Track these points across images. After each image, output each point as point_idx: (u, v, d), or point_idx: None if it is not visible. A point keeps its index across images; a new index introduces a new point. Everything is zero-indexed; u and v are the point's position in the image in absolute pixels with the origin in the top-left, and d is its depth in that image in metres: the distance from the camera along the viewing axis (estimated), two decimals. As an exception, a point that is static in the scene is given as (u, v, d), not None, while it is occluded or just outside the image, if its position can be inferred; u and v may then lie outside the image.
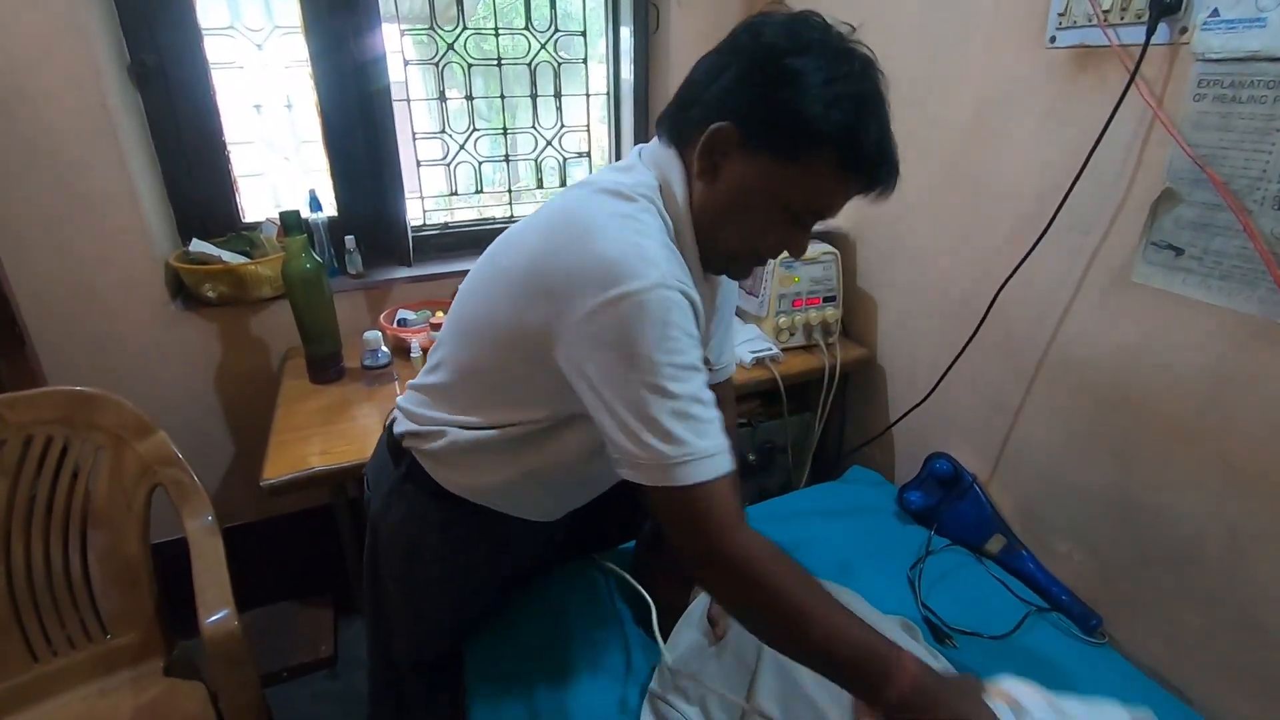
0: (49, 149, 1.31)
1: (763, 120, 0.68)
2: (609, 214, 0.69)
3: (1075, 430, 1.14)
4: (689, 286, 0.67)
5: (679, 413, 0.63)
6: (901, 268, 1.47)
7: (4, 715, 1.09)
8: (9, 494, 1.11)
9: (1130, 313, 1.03)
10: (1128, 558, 1.08)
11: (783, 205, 0.71)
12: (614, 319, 0.62)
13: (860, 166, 0.70)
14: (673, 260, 0.68)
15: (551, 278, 0.68)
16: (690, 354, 0.65)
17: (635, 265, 0.63)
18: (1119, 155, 1.00)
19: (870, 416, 1.63)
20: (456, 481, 0.89)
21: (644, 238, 0.67)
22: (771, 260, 0.78)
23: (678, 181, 0.74)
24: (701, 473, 0.64)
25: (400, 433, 0.92)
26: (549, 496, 0.90)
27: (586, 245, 0.66)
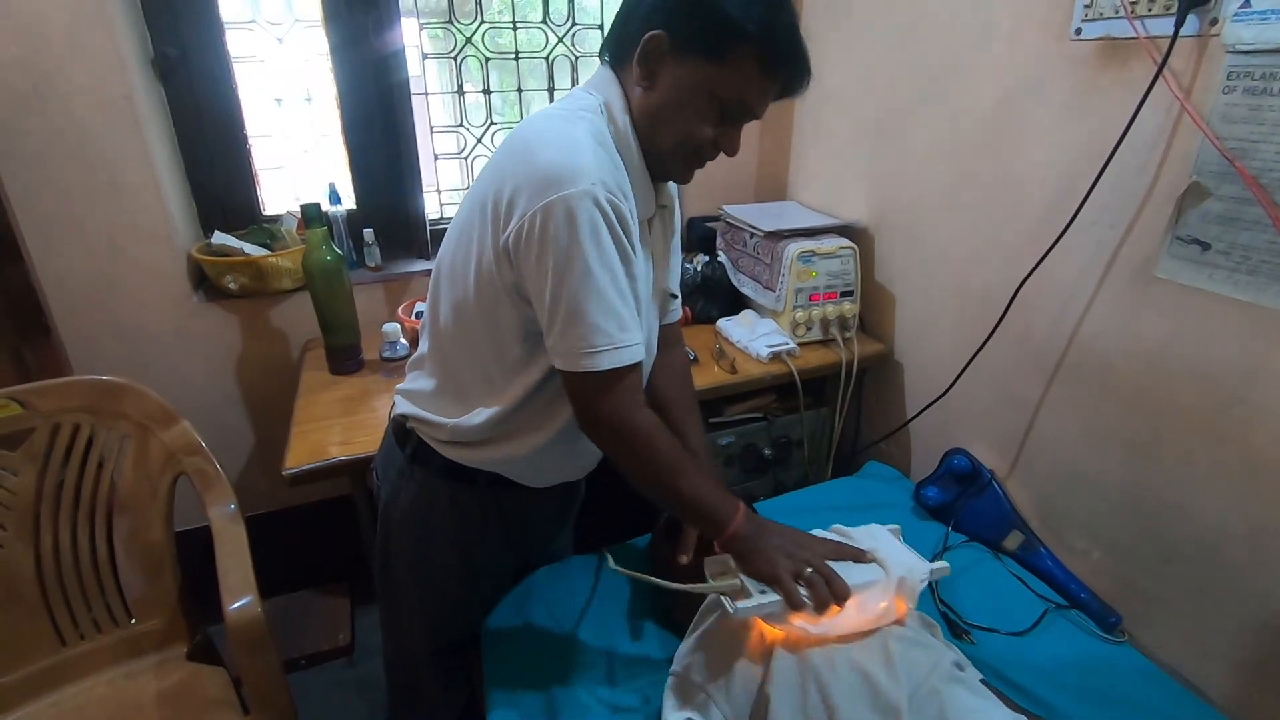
0: (75, 140, 1.33)
1: (690, 25, 0.76)
2: (547, 130, 0.77)
3: (1096, 426, 1.13)
4: (618, 195, 0.74)
5: (602, 307, 0.73)
6: (920, 262, 1.47)
7: (32, 697, 1.11)
8: (37, 481, 1.13)
9: (1154, 308, 1.01)
10: (1148, 555, 1.07)
11: (714, 102, 0.78)
12: (549, 219, 0.70)
13: (779, 59, 0.77)
14: (606, 167, 0.74)
15: (499, 195, 0.75)
16: (613, 255, 0.73)
17: (568, 171, 0.71)
18: (1144, 149, 0.99)
19: (887, 412, 1.62)
20: (465, 456, 0.90)
21: (578, 147, 0.74)
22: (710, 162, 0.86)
23: (616, 97, 0.81)
24: (616, 360, 0.74)
25: (402, 415, 0.94)
26: (547, 435, 0.91)
27: (527, 159, 0.74)
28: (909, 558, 0.87)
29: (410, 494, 0.95)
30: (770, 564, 0.80)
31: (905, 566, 0.85)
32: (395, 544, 0.99)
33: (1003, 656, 1.01)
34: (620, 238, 0.74)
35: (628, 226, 0.75)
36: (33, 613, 1.13)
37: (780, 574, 0.79)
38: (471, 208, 0.82)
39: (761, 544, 0.81)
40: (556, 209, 0.70)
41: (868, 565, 0.84)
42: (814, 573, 0.79)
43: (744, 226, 1.63)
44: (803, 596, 0.78)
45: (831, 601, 0.78)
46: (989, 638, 1.06)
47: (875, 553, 0.86)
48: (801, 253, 1.47)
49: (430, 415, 0.91)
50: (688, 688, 0.89)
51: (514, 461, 0.92)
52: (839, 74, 1.59)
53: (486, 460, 0.91)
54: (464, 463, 0.91)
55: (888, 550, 0.87)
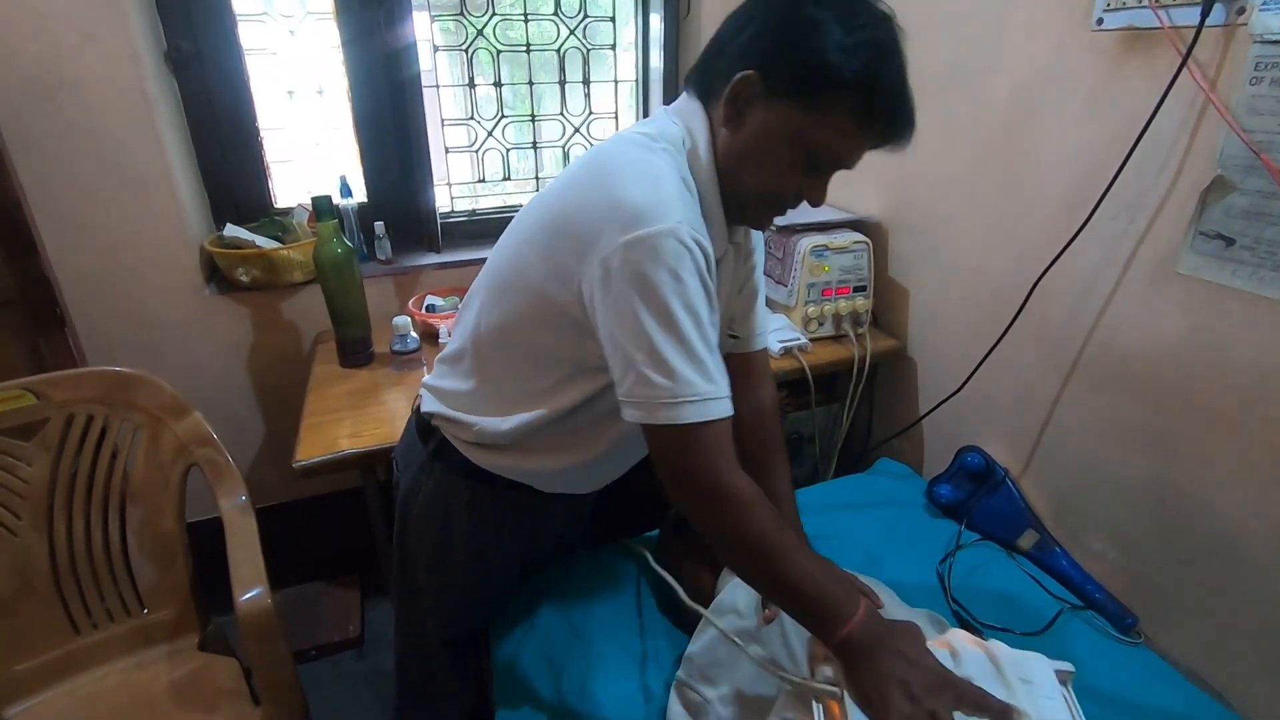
0: (89, 133, 1.33)
1: (785, 68, 0.70)
2: (631, 159, 0.72)
3: (1113, 424, 1.11)
4: (703, 235, 0.69)
5: (686, 354, 0.67)
6: (935, 257, 1.45)
7: (47, 685, 1.12)
8: (51, 471, 1.13)
9: (1175, 304, 0.99)
10: (1166, 555, 1.06)
11: (803, 151, 0.73)
12: (630, 259, 0.65)
13: (877, 114, 0.71)
14: (690, 207, 0.70)
15: (575, 223, 0.71)
16: (699, 299, 0.68)
17: (654, 209, 0.66)
18: (1167, 142, 0.97)
19: (899, 408, 1.61)
20: (489, 460, 0.90)
21: (662, 182, 0.70)
22: (792, 211, 0.80)
23: (701, 132, 0.76)
24: (703, 413, 0.67)
25: (428, 412, 0.93)
26: (577, 458, 0.90)
27: (608, 189, 0.69)
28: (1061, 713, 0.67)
29: (429, 490, 0.95)
30: (883, 696, 0.63)
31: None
32: (412, 538, 0.99)
33: (1016, 657, 1.00)
34: (705, 280, 0.69)
35: (712, 267, 0.71)
36: (47, 602, 1.14)
37: (891, 718, 0.62)
38: (539, 224, 0.77)
39: (881, 664, 0.65)
40: (640, 247, 0.65)
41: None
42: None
43: (756, 221, 1.61)
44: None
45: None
46: (1002, 638, 1.03)
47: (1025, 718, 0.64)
48: (814, 247, 1.46)
49: (458, 415, 0.89)
50: (691, 695, 0.89)
51: (534, 474, 0.91)
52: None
53: (507, 468, 0.90)
54: (485, 466, 0.90)
55: (1043, 717, 0.66)
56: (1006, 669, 0.71)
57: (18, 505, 1.11)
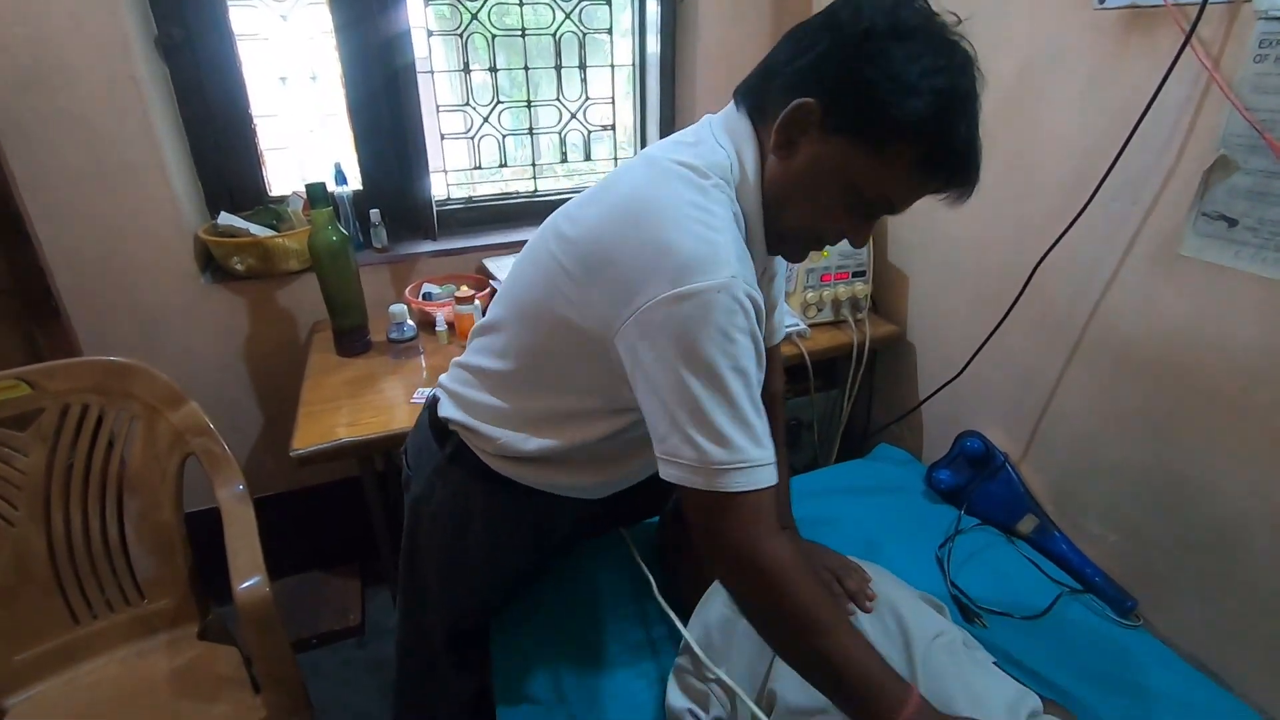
0: (80, 121, 1.32)
1: (848, 102, 0.65)
2: (682, 201, 0.66)
3: (1114, 408, 1.10)
4: (755, 288, 0.65)
5: (734, 417, 0.62)
6: (935, 242, 1.44)
7: (47, 674, 1.13)
8: (48, 461, 1.13)
9: (1177, 286, 0.99)
10: (1166, 539, 1.05)
11: (855, 192, 0.68)
12: (679, 314, 0.61)
13: (941, 166, 0.66)
14: (744, 259, 0.66)
15: (618, 264, 0.66)
16: (750, 358, 0.64)
17: (707, 263, 0.61)
18: (1169, 121, 0.96)
19: (898, 394, 1.60)
20: (511, 469, 0.88)
21: (718, 233, 0.64)
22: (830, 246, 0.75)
23: (751, 159, 0.71)
24: (750, 481, 0.63)
25: (447, 417, 0.90)
26: (601, 478, 0.90)
27: (658, 234, 0.64)
28: None
29: (444, 494, 0.93)
30: None
31: None
32: (424, 540, 0.98)
33: (1015, 640, 1.00)
34: (757, 336, 0.65)
35: (763, 319, 0.66)
36: (46, 591, 1.14)
37: None
38: (575, 254, 0.71)
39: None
40: (688, 303, 0.60)
41: None
42: None
43: (754, 206, 1.60)
44: None
45: None
46: (1001, 621, 1.05)
47: None
48: (814, 233, 1.45)
49: (481, 426, 0.86)
50: (689, 680, 0.89)
51: (559, 485, 0.89)
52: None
53: (529, 478, 0.88)
54: (505, 474, 0.88)
55: None
56: None
57: (14, 495, 1.11)
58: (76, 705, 1.10)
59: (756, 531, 0.64)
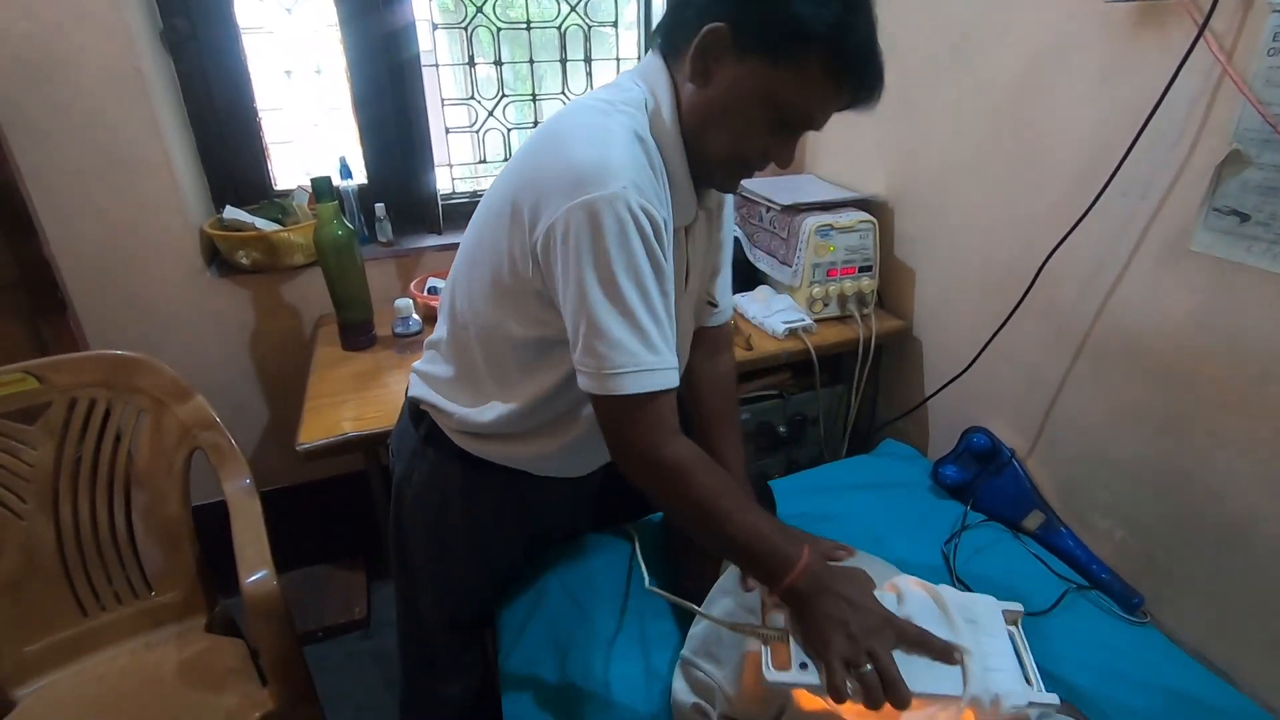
0: (85, 114, 1.32)
1: (755, 20, 0.68)
2: (583, 124, 0.71)
3: (1122, 404, 1.10)
4: (653, 202, 0.68)
5: (629, 323, 0.67)
6: (942, 237, 1.43)
7: (56, 666, 1.13)
8: (55, 454, 1.13)
9: (1187, 282, 0.98)
10: (1174, 536, 1.05)
11: (772, 108, 0.71)
12: (576, 224, 0.65)
13: (848, 68, 0.69)
14: (642, 168, 0.69)
15: (529, 191, 0.70)
16: (646, 267, 0.67)
17: (599, 171, 0.65)
18: (1181, 115, 0.95)
19: (904, 389, 1.60)
20: (477, 447, 0.89)
21: (612, 144, 0.68)
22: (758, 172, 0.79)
23: (665, 92, 0.74)
24: (643, 384, 0.68)
25: (415, 397, 0.93)
26: (560, 442, 0.90)
27: (558, 155, 0.69)
28: (1007, 676, 0.66)
29: (423, 475, 0.94)
30: (824, 638, 0.66)
31: (996, 688, 0.64)
32: (407, 523, 0.99)
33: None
34: (653, 248, 0.68)
35: (661, 236, 0.69)
36: (54, 584, 1.14)
37: (831, 658, 0.65)
38: (499, 198, 0.77)
39: (823, 607, 0.67)
40: (582, 213, 0.65)
41: (949, 670, 0.67)
42: (872, 671, 0.64)
43: (760, 200, 1.60)
44: (849, 691, 0.64)
45: (878, 707, 0.64)
46: (1007, 617, 1.04)
47: (968, 656, 0.67)
48: (819, 226, 1.44)
49: (442, 402, 0.89)
50: (696, 674, 0.89)
51: (524, 460, 0.90)
52: (860, 42, 1.55)
53: (495, 454, 0.89)
54: (475, 453, 0.89)
55: (986, 655, 0.67)
56: (952, 610, 0.72)
57: (22, 488, 1.11)
58: (85, 697, 1.10)
59: (655, 436, 0.70)
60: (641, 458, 0.71)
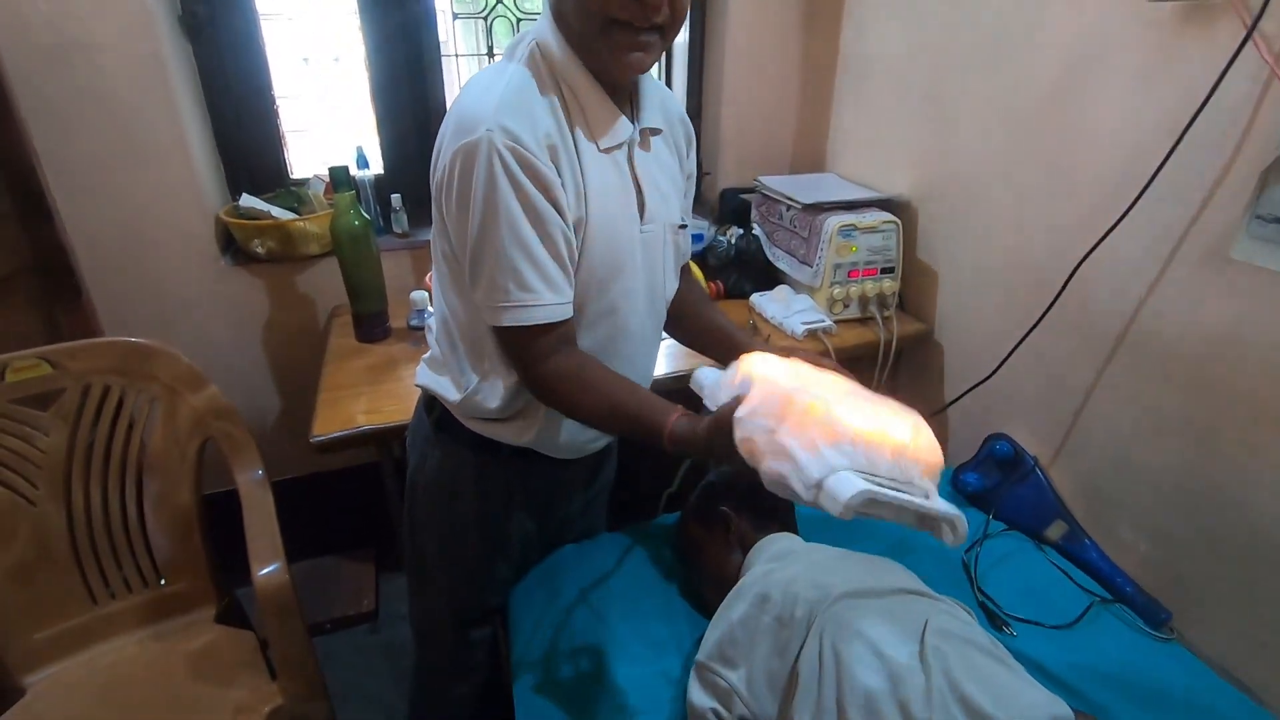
0: (103, 98, 1.31)
1: None
2: (474, 81, 0.75)
3: (1153, 415, 1.07)
4: (524, 140, 0.69)
5: (501, 263, 0.71)
6: (967, 239, 1.40)
7: (65, 654, 1.13)
8: (68, 441, 1.13)
9: (1226, 291, 0.95)
10: (1201, 549, 1.02)
11: None
12: (452, 169, 0.70)
13: None
14: (509, 111, 0.69)
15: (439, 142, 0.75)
16: (513, 206, 0.70)
17: (470, 118, 0.69)
18: (1226, 120, 0.92)
19: (923, 394, 1.57)
20: (488, 430, 0.89)
21: (486, 90, 0.71)
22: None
23: (545, 23, 0.76)
24: (518, 318, 0.73)
25: (422, 384, 0.93)
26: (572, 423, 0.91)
27: (449, 113, 0.74)
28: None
29: (435, 462, 0.94)
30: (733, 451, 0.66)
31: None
32: (421, 512, 0.98)
33: (1045, 650, 0.98)
34: (523, 186, 0.69)
35: (535, 173, 0.70)
36: (65, 571, 1.14)
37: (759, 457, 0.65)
38: None
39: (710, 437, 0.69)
40: (456, 159, 0.69)
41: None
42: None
43: (781, 199, 1.57)
44: None
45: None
46: (1030, 630, 1.02)
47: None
48: (842, 226, 1.42)
49: (446, 387, 0.89)
50: (711, 677, 0.87)
51: (535, 440, 0.89)
52: (884, 39, 1.52)
53: (505, 436, 0.89)
54: (486, 435, 0.89)
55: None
56: None
57: (35, 475, 1.11)
58: (94, 685, 1.10)
59: (532, 358, 0.77)
60: (530, 378, 0.79)
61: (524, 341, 0.76)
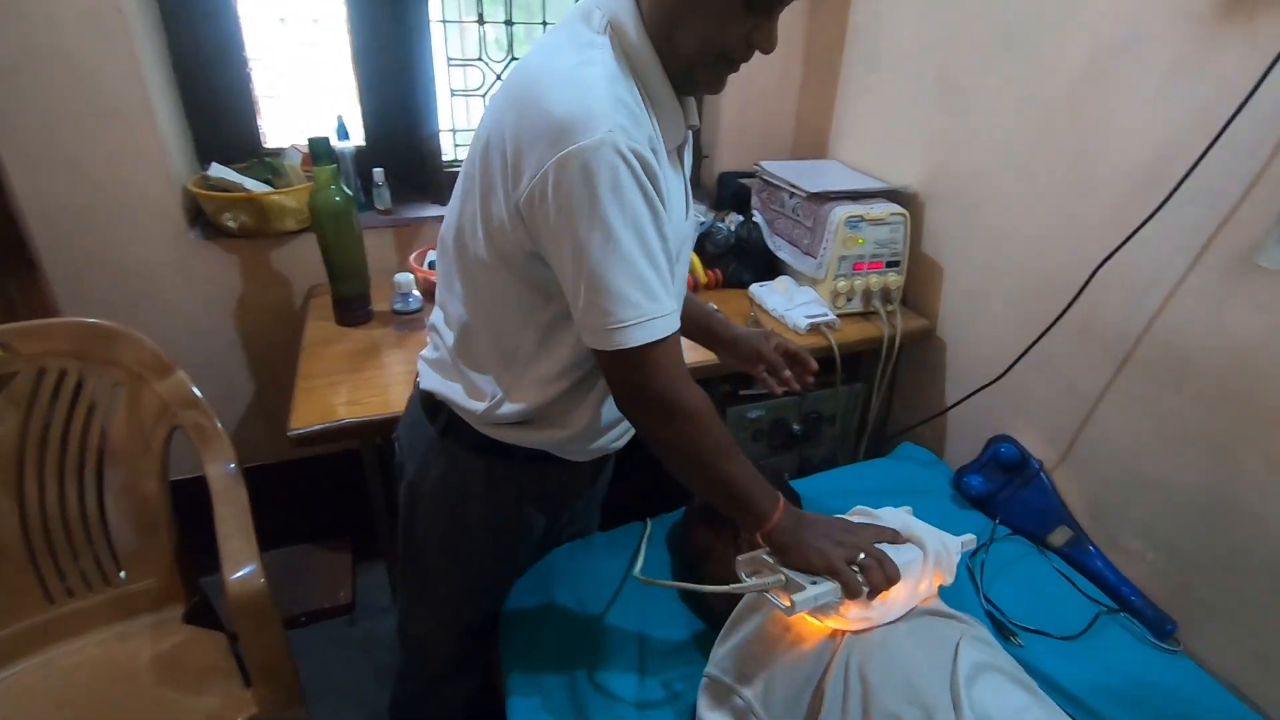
0: (59, 57, 1.20)
1: None
2: (556, 70, 0.66)
3: (1167, 423, 1.05)
4: (642, 142, 0.64)
5: (630, 274, 0.65)
6: (977, 234, 1.36)
7: (19, 657, 1.05)
8: (21, 428, 1.04)
9: (1252, 301, 0.92)
10: (1212, 563, 1.01)
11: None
12: (563, 176, 0.62)
13: None
14: (626, 108, 0.65)
15: (506, 148, 0.66)
16: (642, 212, 0.64)
17: (582, 118, 0.61)
18: (1265, 120, 0.88)
19: (922, 392, 1.54)
20: (507, 435, 0.83)
21: (589, 88, 0.64)
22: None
23: (625, 7, 0.69)
24: (652, 333, 0.66)
25: (429, 390, 0.86)
26: (605, 420, 0.86)
27: (533, 105, 0.64)
28: (937, 533, 0.84)
29: (441, 470, 0.88)
30: (821, 554, 0.74)
31: (938, 540, 0.83)
32: (423, 521, 0.92)
33: (1052, 661, 0.96)
34: (648, 190, 0.65)
35: (655, 176, 0.65)
36: (18, 568, 1.06)
37: (834, 563, 0.73)
38: (476, 161, 0.72)
39: (806, 535, 0.76)
40: (571, 164, 0.61)
41: (904, 545, 0.81)
42: (866, 558, 0.75)
43: (783, 185, 1.51)
44: (860, 583, 0.73)
45: (886, 584, 0.74)
46: (1037, 640, 1.00)
47: (907, 531, 0.83)
48: (849, 217, 1.37)
49: (460, 394, 0.82)
50: (725, 693, 0.83)
51: (558, 441, 0.84)
52: (897, 24, 1.46)
53: (529, 440, 0.83)
54: (503, 440, 0.83)
55: (915, 528, 0.84)
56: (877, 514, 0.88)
57: (-16, 466, 1.02)
58: (51, 690, 1.03)
59: (669, 381, 0.69)
60: (659, 406, 0.70)
61: (658, 357, 0.68)
